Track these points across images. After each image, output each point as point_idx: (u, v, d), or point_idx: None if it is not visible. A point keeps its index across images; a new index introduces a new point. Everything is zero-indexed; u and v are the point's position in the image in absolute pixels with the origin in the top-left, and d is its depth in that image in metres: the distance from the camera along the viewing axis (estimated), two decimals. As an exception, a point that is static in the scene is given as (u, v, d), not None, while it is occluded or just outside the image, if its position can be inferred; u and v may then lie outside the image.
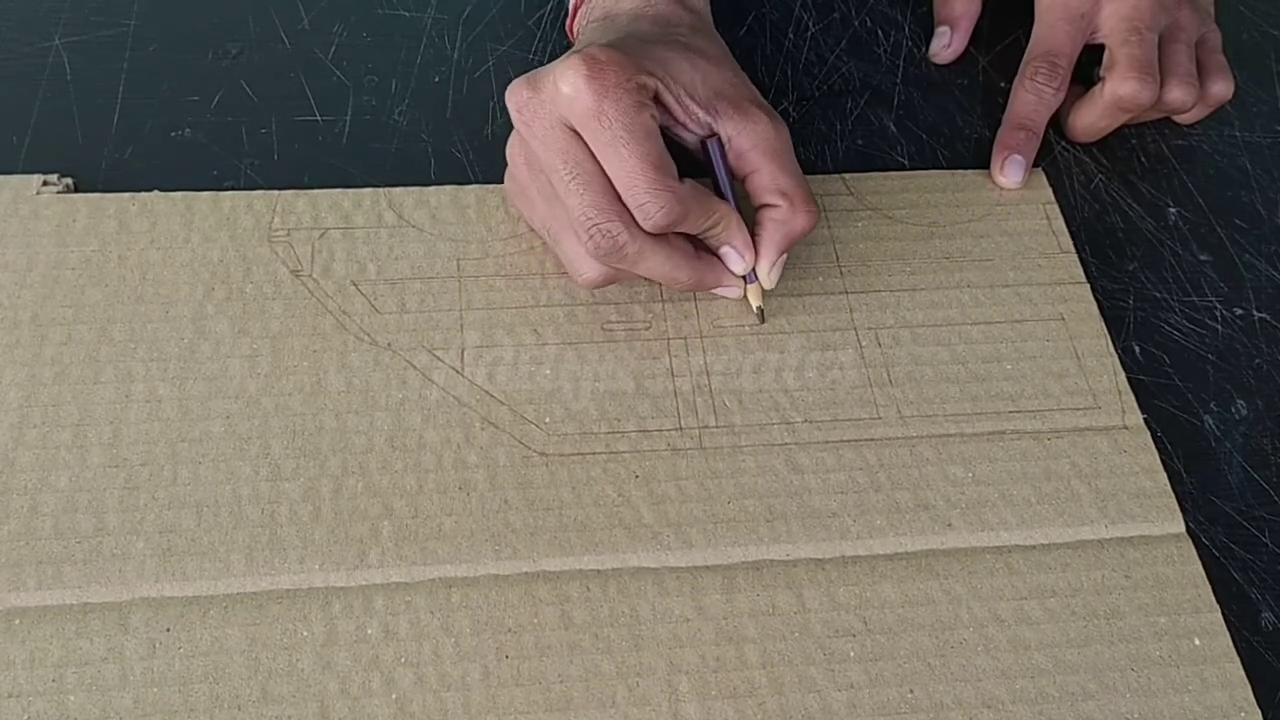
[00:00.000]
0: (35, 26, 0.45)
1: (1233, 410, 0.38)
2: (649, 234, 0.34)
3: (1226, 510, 0.36)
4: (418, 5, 0.47)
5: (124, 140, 0.41)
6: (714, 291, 0.38)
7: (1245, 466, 0.37)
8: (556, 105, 0.33)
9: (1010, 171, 0.43)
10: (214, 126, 0.42)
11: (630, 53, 0.34)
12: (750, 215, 0.37)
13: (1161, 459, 0.36)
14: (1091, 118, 0.44)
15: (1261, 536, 0.35)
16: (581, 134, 0.33)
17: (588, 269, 0.36)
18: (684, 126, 0.36)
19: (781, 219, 0.36)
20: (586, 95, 0.32)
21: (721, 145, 0.36)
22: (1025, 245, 0.41)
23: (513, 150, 0.37)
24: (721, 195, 0.36)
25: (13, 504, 0.33)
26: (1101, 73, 0.44)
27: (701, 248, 0.37)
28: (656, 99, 0.35)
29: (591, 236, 0.34)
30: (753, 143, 0.36)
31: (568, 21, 0.43)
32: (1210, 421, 0.38)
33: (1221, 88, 0.45)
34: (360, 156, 0.42)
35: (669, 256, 0.35)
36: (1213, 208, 0.44)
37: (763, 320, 0.38)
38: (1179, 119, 0.46)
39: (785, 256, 0.37)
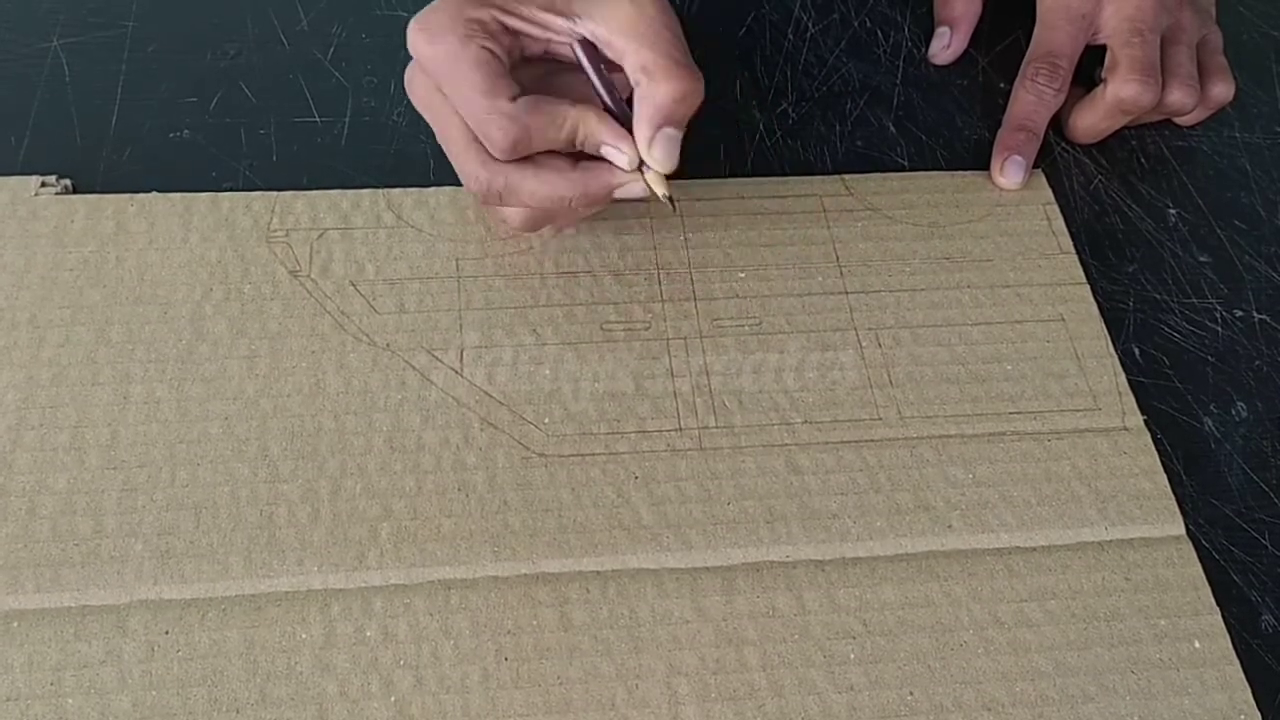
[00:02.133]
0: (33, 28, 0.44)
1: (1232, 412, 0.38)
2: (510, 164, 0.34)
3: (1226, 512, 0.36)
4: (417, 6, 0.47)
5: (122, 141, 0.41)
6: (619, 196, 0.36)
7: (1245, 468, 0.37)
8: (417, 69, 0.35)
9: (1010, 172, 0.43)
10: (212, 128, 0.42)
11: None
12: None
13: (1161, 461, 0.36)
14: (1093, 119, 0.44)
15: (1261, 539, 0.35)
16: (435, 83, 0.34)
17: (503, 217, 0.37)
18: (550, 43, 0.35)
19: (645, 94, 0.34)
20: (419, 46, 0.34)
21: (589, 46, 0.35)
22: (1025, 246, 0.41)
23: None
24: (604, 104, 0.35)
25: (10, 506, 0.32)
26: (1103, 74, 0.44)
27: (585, 158, 0.35)
28: (504, 29, 0.34)
29: (472, 188, 0.35)
30: (613, 29, 0.34)
31: None
32: (1210, 423, 0.38)
33: (1222, 90, 0.45)
34: (359, 158, 0.41)
35: (540, 177, 0.34)
36: (1213, 209, 0.44)
37: (674, 209, 0.36)
38: (1179, 121, 0.46)
39: (674, 133, 0.34)
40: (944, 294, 0.40)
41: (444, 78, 0.34)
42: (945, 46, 0.48)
